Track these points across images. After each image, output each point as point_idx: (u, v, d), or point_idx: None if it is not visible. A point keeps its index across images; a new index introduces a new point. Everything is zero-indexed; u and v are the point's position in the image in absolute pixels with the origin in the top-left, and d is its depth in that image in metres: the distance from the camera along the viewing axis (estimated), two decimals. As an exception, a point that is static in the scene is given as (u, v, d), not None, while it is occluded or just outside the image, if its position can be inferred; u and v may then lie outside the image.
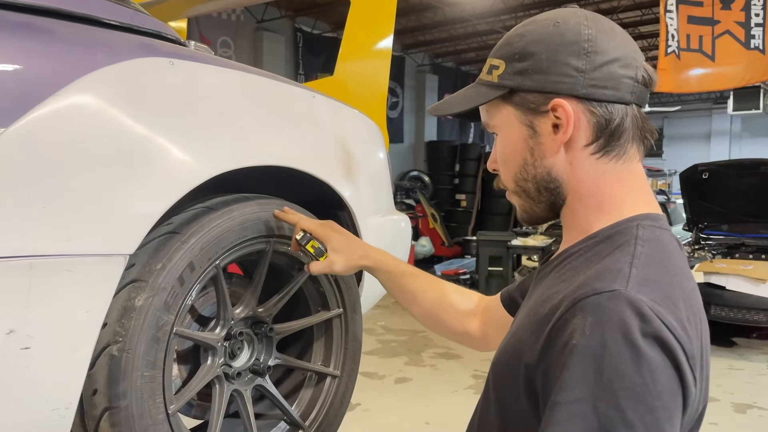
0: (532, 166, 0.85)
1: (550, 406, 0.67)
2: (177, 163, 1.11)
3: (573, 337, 0.67)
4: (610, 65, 0.80)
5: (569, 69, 0.80)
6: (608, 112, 0.80)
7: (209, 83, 1.25)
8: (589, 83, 0.79)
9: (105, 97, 1.05)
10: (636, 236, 0.77)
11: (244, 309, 1.34)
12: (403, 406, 4.31)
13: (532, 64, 0.82)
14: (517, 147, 0.85)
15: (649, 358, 0.65)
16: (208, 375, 1.26)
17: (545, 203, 0.87)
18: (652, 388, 0.64)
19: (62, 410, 1.01)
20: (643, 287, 0.69)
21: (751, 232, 6.64)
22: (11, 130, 0.93)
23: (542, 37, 0.82)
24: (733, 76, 5.06)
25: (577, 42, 0.80)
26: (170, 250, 1.14)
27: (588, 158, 0.82)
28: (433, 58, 13.17)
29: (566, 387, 0.66)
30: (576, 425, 0.65)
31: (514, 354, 0.78)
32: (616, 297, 0.67)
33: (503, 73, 0.84)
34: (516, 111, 0.84)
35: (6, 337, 0.92)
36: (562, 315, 0.70)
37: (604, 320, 0.66)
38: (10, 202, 0.92)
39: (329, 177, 1.47)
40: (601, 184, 0.82)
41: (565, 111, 0.80)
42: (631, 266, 0.72)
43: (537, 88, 0.82)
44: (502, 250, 7.85)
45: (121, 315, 1.08)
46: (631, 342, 0.65)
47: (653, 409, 0.64)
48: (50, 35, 1.05)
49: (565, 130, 0.81)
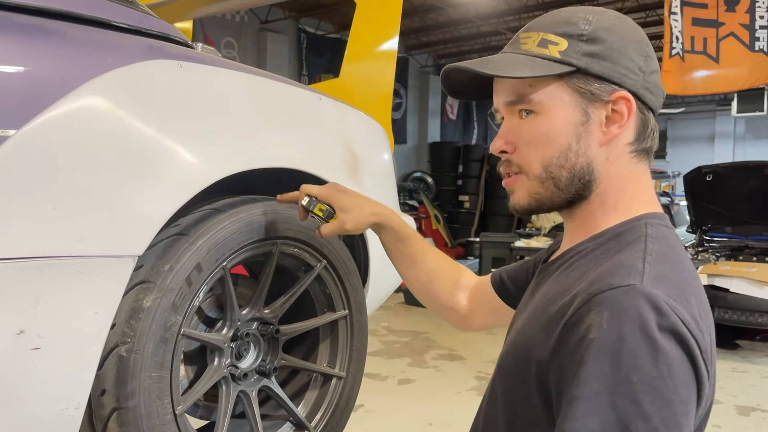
0: (575, 153, 0.81)
1: (568, 401, 0.67)
2: (186, 165, 1.12)
3: (590, 332, 0.67)
4: (656, 74, 0.83)
5: (634, 66, 0.80)
6: (650, 115, 0.83)
7: (217, 85, 1.26)
8: (645, 85, 0.81)
9: (115, 99, 1.06)
10: (645, 234, 0.78)
11: (250, 310, 1.35)
12: (406, 407, 4.31)
13: (602, 49, 0.79)
14: (563, 130, 0.80)
15: (666, 351, 0.65)
16: (215, 376, 1.27)
17: (571, 194, 0.83)
18: (669, 381, 0.65)
19: (71, 410, 1.01)
20: (658, 282, 0.69)
21: (755, 234, 6.63)
22: (23, 132, 0.94)
23: (611, 27, 0.80)
24: (737, 78, 5.06)
25: (641, 42, 0.81)
26: (178, 251, 1.14)
27: (624, 156, 0.82)
28: (436, 59, 13.17)
29: (583, 381, 0.66)
30: (593, 420, 0.65)
31: (522, 351, 0.78)
32: (632, 291, 0.68)
33: (567, 50, 0.79)
34: (573, 92, 0.80)
35: (16, 337, 0.93)
36: (576, 310, 0.70)
37: (622, 314, 0.66)
38: (22, 203, 0.93)
39: (335, 179, 1.48)
40: (622, 182, 0.83)
41: (629, 105, 0.79)
42: (644, 262, 0.72)
43: (605, 75, 0.79)
44: (505, 251, 7.84)
45: (129, 316, 1.09)
46: (648, 336, 0.65)
47: (670, 402, 0.65)
48: (61, 38, 1.06)
49: (621, 124, 0.80)
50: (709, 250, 6.66)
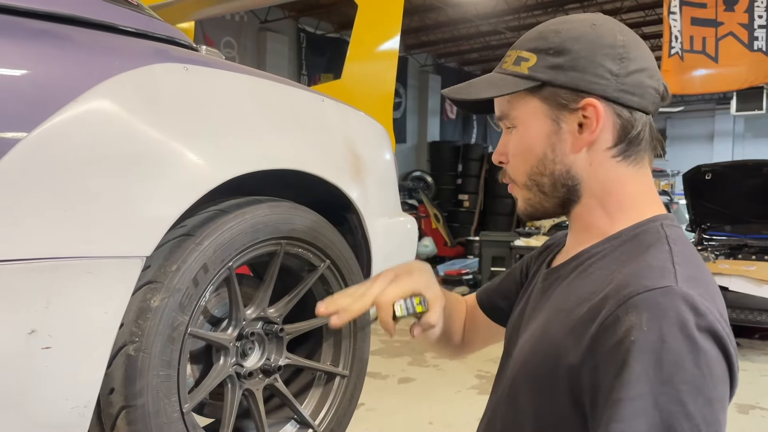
0: (552, 161, 0.85)
1: (612, 404, 0.68)
2: (192, 167, 1.14)
3: (630, 334, 0.68)
4: (639, 74, 0.82)
5: (604, 71, 0.81)
6: (633, 118, 0.82)
7: (222, 88, 1.27)
8: (620, 87, 0.81)
9: (122, 102, 1.07)
10: (666, 236, 0.79)
11: (255, 310, 1.37)
12: (407, 406, 4.33)
13: (568, 60, 0.82)
14: (539, 141, 0.85)
15: (705, 350, 0.67)
16: (221, 374, 1.29)
17: (558, 199, 0.87)
18: (710, 380, 0.67)
19: (81, 408, 1.03)
20: (691, 283, 0.71)
21: (754, 233, 6.64)
22: (34, 135, 0.96)
23: (580, 36, 0.83)
24: (736, 77, 5.07)
25: (613, 46, 0.82)
26: (185, 252, 1.16)
27: (609, 160, 0.83)
28: (436, 58, 13.19)
29: (627, 383, 0.67)
30: (640, 421, 0.66)
31: (548, 357, 0.79)
32: (670, 293, 0.69)
33: (535, 66, 0.84)
34: (543, 105, 0.84)
35: (28, 337, 0.95)
36: (611, 313, 0.71)
37: (661, 316, 0.68)
38: (33, 205, 0.95)
39: (338, 180, 1.50)
40: (620, 185, 0.84)
41: (597, 111, 0.81)
42: (674, 264, 0.74)
43: (570, 85, 0.82)
44: (505, 250, 7.84)
45: (137, 315, 1.11)
46: (688, 336, 0.67)
47: (711, 400, 0.67)
48: (70, 42, 1.08)
49: (593, 130, 0.82)
50: (708, 248, 6.67)
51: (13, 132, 0.95)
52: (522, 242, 7.77)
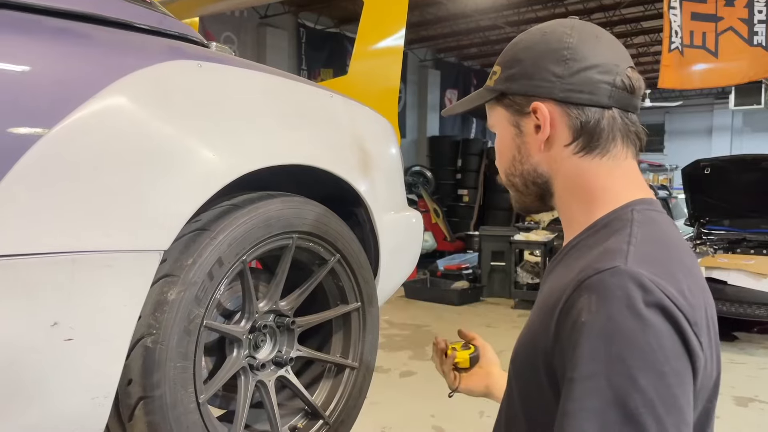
0: (519, 162, 0.92)
1: (567, 383, 0.71)
2: (208, 162, 1.16)
3: (581, 316, 0.71)
4: (587, 71, 0.86)
5: (549, 74, 0.87)
6: (584, 114, 0.86)
7: (235, 85, 1.29)
8: (566, 88, 0.86)
9: (139, 99, 1.09)
10: (632, 219, 0.82)
11: (267, 303, 1.39)
12: (409, 399, 4.36)
13: (518, 69, 0.90)
14: (507, 145, 0.94)
15: (653, 325, 0.69)
16: (235, 366, 1.31)
17: (533, 195, 0.94)
18: (660, 354, 0.68)
19: (101, 399, 1.06)
20: (642, 262, 0.74)
21: (753, 228, 6.67)
22: (54, 132, 0.97)
23: (530, 45, 0.90)
24: (736, 72, 5.09)
25: (558, 50, 0.87)
26: (200, 246, 1.18)
27: (570, 157, 0.88)
28: (435, 53, 13.18)
29: (579, 363, 0.70)
30: (592, 399, 0.68)
31: (529, 345, 0.83)
32: (617, 273, 0.72)
33: (498, 78, 0.93)
34: (505, 112, 0.92)
35: (50, 329, 0.97)
36: (568, 298, 0.75)
37: (608, 295, 0.71)
38: (54, 200, 0.97)
39: (348, 175, 1.52)
40: (588, 178, 0.88)
41: (542, 112, 0.87)
42: (629, 245, 0.77)
43: (521, 92, 0.89)
44: (504, 245, 7.87)
45: (154, 308, 1.13)
46: (635, 312, 0.69)
47: (663, 374, 0.68)
48: (88, 40, 1.10)
49: (543, 129, 0.88)
50: (707, 243, 6.70)
51: (35, 128, 0.96)
52: (521, 237, 7.80)
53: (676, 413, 0.68)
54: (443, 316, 6.83)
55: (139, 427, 1.14)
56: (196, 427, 1.19)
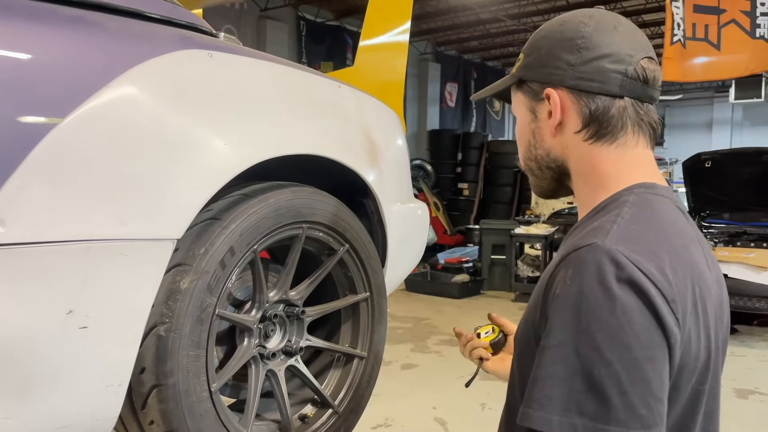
0: (534, 147, 0.95)
1: (539, 351, 0.74)
2: (220, 151, 1.16)
3: (557, 289, 0.75)
4: (599, 60, 0.88)
5: (562, 63, 0.89)
6: (594, 102, 0.88)
7: (245, 75, 1.29)
8: (577, 76, 0.88)
9: (153, 89, 1.09)
10: (627, 201, 0.84)
11: (277, 292, 1.40)
12: (411, 391, 4.37)
13: (535, 57, 0.93)
14: (524, 130, 0.96)
15: (623, 300, 0.71)
16: (246, 355, 1.32)
17: (549, 179, 0.96)
18: (628, 328, 0.70)
19: (115, 387, 1.06)
20: (622, 240, 0.76)
21: (753, 221, 6.68)
22: (68, 121, 0.98)
23: (547, 34, 0.93)
24: (738, 65, 5.09)
25: (572, 39, 0.89)
26: (212, 235, 1.19)
27: (580, 143, 0.90)
28: (435, 46, 13.15)
29: (550, 332, 0.73)
30: (559, 366, 0.71)
31: (526, 324, 0.85)
32: (593, 249, 0.74)
33: (520, 65, 0.96)
34: (524, 98, 0.95)
35: (66, 317, 0.98)
36: (551, 274, 0.78)
37: (582, 270, 0.73)
38: (69, 189, 0.97)
39: (356, 165, 1.52)
40: (596, 164, 0.90)
41: (553, 99, 0.89)
42: (613, 224, 0.79)
43: (537, 79, 0.92)
44: (505, 238, 7.88)
45: (167, 297, 1.13)
46: (606, 287, 0.71)
47: (630, 348, 0.70)
48: (100, 29, 1.10)
49: (554, 115, 0.90)
50: (707, 236, 6.71)
51: (49, 118, 0.97)
52: (522, 230, 7.81)
53: (643, 386, 0.70)
54: (444, 309, 6.84)
55: (152, 415, 1.14)
56: (208, 415, 1.20)
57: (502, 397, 1.02)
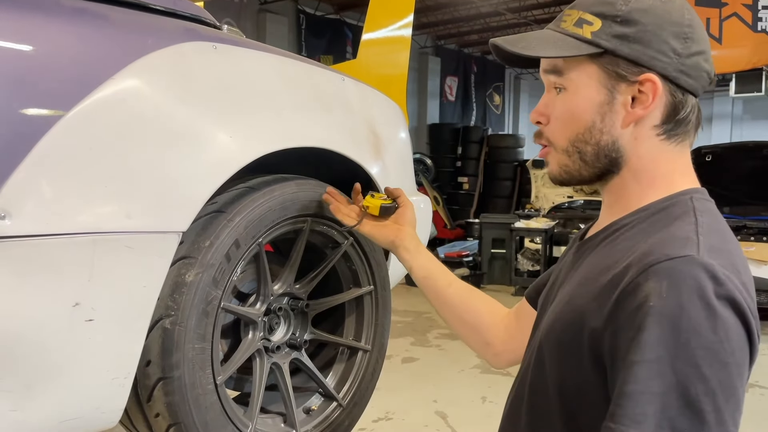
0: (599, 131, 0.85)
1: (628, 366, 0.71)
2: (226, 144, 1.16)
3: (649, 300, 0.71)
4: (698, 56, 0.83)
5: (668, 48, 0.81)
6: (684, 100, 0.83)
7: (250, 67, 1.29)
8: (680, 67, 0.81)
9: (157, 81, 1.09)
10: (693, 208, 0.82)
11: (282, 285, 1.40)
12: (411, 385, 4.38)
13: (635, 31, 0.81)
14: (589, 109, 0.85)
15: (723, 318, 0.70)
16: (251, 348, 1.32)
17: (598, 169, 0.88)
18: (727, 345, 0.69)
19: (122, 379, 1.06)
20: (713, 253, 0.73)
21: (753, 215, 6.68)
22: (73, 113, 0.97)
23: (649, 8, 0.82)
24: (739, 58, 5.09)
25: (680, 24, 0.82)
26: (217, 228, 1.18)
27: (653, 138, 0.85)
28: (435, 40, 13.12)
29: (645, 346, 0.70)
30: (655, 382, 0.69)
31: (573, 321, 0.81)
32: (690, 262, 0.72)
33: (599, 32, 0.83)
34: (601, 73, 0.84)
35: (72, 310, 0.97)
36: (632, 280, 0.74)
37: (680, 283, 0.70)
38: (74, 182, 0.97)
39: (360, 158, 1.52)
40: (657, 162, 0.86)
41: (655, 87, 0.81)
42: (698, 234, 0.76)
43: (632, 57, 0.82)
44: (505, 232, 7.88)
45: (172, 290, 1.13)
46: (707, 303, 0.69)
47: (727, 365, 0.69)
48: (104, 21, 1.09)
49: (646, 106, 0.82)
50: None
51: (53, 110, 0.96)
52: (522, 224, 7.81)
53: (734, 403, 0.70)
54: (444, 302, 6.85)
55: (158, 408, 1.14)
56: (213, 408, 1.20)
57: (503, 391, 1.01)
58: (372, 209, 1.29)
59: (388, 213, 1.29)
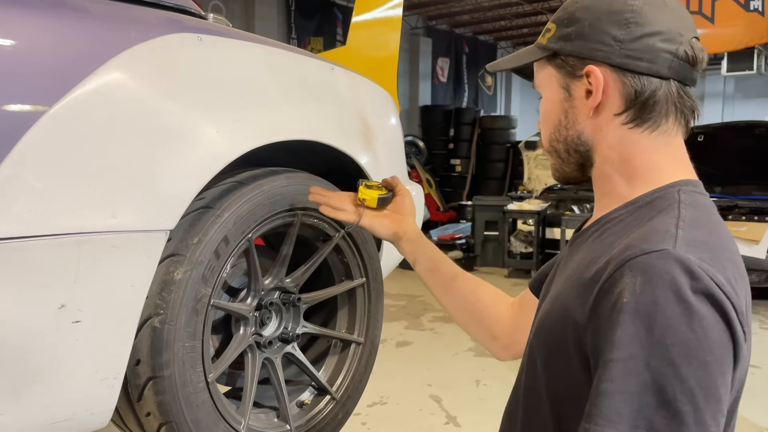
0: (564, 127, 0.88)
1: (603, 364, 0.69)
2: (213, 139, 1.14)
3: (623, 296, 0.69)
4: (649, 38, 0.81)
5: (608, 37, 0.82)
6: (640, 83, 0.82)
7: (236, 59, 1.26)
8: (624, 53, 0.81)
9: (141, 75, 1.06)
10: (679, 200, 0.80)
11: (272, 280, 1.38)
12: (405, 368, 4.40)
13: (576, 29, 0.85)
14: (554, 108, 0.89)
15: (700, 313, 0.67)
16: (242, 344, 1.31)
17: (574, 164, 0.90)
18: (704, 343, 0.67)
19: (111, 380, 1.05)
20: (691, 247, 0.71)
21: (744, 194, 6.70)
22: (55, 110, 0.95)
23: (591, 4, 0.85)
24: (732, 38, 5.06)
25: (621, 12, 0.82)
26: (206, 224, 1.17)
27: (619, 127, 0.84)
28: (426, 20, 12.99)
29: (619, 344, 0.68)
30: (630, 381, 0.67)
31: (560, 318, 0.80)
32: (665, 256, 0.70)
33: (552, 36, 0.88)
34: (556, 73, 0.88)
35: (58, 312, 0.96)
36: (610, 275, 0.72)
37: (655, 278, 0.68)
38: (58, 181, 0.95)
39: (351, 149, 1.50)
40: (634, 152, 0.84)
41: (596, 77, 0.83)
42: (677, 228, 0.74)
43: (576, 53, 0.85)
44: (498, 214, 7.88)
45: (161, 288, 1.12)
46: (682, 299, 0.67)
47: (706, 363, 0.67)
48: (86, 13, 1.06)
49: (595, 95, 0.83)
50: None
51: (34, 107, 0.94)
52: (515, 206, 7.80)
53: (715, 403, 0.67)
54: (438, 285, 6.87)
55: (149, 407, 1.13)
56: (205, 406, 1.19)
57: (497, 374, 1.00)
58: (369, 201, 1.21)
59: (385, 204, 1.23)
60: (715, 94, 17.25)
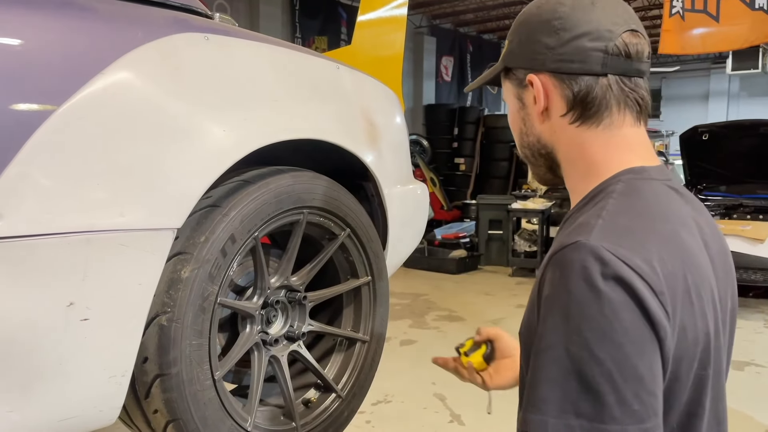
0: (526, 134, 0.94)
1: (534, 355, 0.74)
2: (220, 138, 1.14)
3: (545, 290, 0.75)
4: (577, 40, 0.86)
5: (541, 47, 0.88)
6: (577, 84, 0.86)
7: (243, 58, 1.26)
8: (557, 58, 0.86)
9: (149, 75, 1.07)
10: (613, 191, 0.83)
11: (279, 278, 1.39)
12: (410, 367, 4.40)
13: (516, 44, 0.92)
14: (515, 117, 0.95)
15: (609, 297, 0.70)
16: (248, 342, 1.31)
17: (544, 167, 0.95)
18: (617, 325, 0.70)
19: (119, 377, 1.06)
20: (607, 235, 0.74)
21: (749, 193, 6.68)
22: (63, 109, 0.95)
23: (526, 19, 0.92)
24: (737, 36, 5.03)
25: (550, 21, 0.88)
26: (212, 223, 1.17)
27: (568, 127, 0.88)
28: (431, 19, 12.98)
29: (542, 335, 0.73)
30: (552, 368, 0.71)
31: (527, 323, 0.84)
32: (578, 247, 0.73)
33: (504, 52, 0.95)
34: (511, 86, 0.94)
35: (66, 310, 0.96)
36: (542, 275, 0.78)
37: (568, 270, 0.73)
38: (66, 180, 0.95)
39: (356, 148, 1.50)
40: (586, 149, 0.88)
41: (536, 84, 0.88)
42: (598, 218, 0.77)
43: (520, 65, 0.91)
44: (502, 213, 7.87)
45: (168, 286, 1.12)
46: (592, 285, 0.71)
47: (620, 345, 0.70)
48: (94, 13, 1.07)
49: (538, 101, 0.89)
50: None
51: (43, 106, 0.94)
52: (519, 205, 7.79)
53: (635, 382, 0.70)
54: (441, 285, 6.86)
55: (156, 405, 1.14)
56: (212, 403, 1.19)
57: None
58: (478, 365, 1.18)
59: (492, 356, 1.19)
60: (719, 93, 17.18)
